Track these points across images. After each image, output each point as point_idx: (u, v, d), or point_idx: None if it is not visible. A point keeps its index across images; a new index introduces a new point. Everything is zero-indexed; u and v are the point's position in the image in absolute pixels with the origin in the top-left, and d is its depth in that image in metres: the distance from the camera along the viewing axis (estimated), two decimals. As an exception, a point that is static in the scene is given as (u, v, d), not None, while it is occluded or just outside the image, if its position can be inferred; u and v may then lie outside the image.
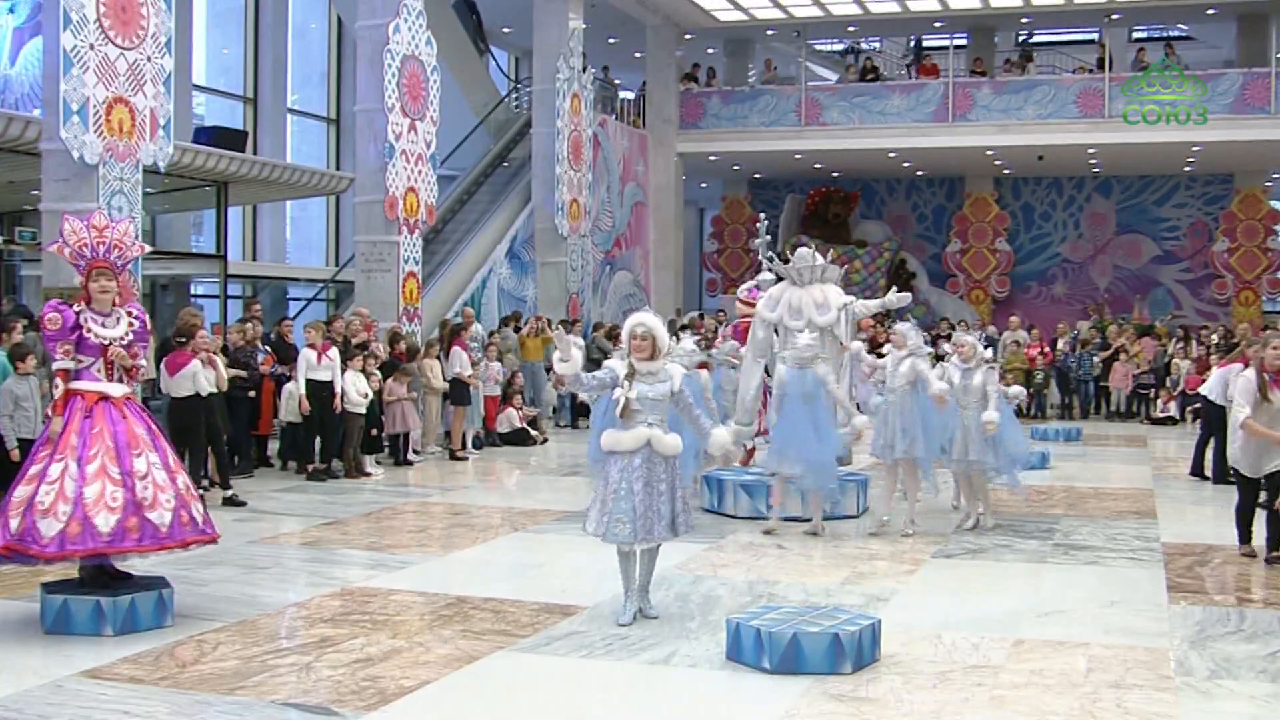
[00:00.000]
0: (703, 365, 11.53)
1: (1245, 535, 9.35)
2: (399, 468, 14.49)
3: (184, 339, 11.51)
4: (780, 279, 11.47)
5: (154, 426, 7.43)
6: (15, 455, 9.86)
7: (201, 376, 11.31)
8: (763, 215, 12.71)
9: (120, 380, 7.36)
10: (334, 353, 13.29)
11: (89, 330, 7.23)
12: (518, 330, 19.22)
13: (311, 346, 13.21)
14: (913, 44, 29.89)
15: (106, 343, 7.26)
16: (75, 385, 7.21)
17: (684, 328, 16.90)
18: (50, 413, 7.27)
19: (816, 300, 11.08)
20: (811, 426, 9.83)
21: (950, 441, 10.28)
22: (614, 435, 7.23)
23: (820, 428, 9.88)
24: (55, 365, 7.27)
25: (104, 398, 7.20)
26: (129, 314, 7.41)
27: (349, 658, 6.47)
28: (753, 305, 12.31)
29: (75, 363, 7.23)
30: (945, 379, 10.21)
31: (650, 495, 7.14)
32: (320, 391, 13.15)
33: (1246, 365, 14.37)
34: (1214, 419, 13.85)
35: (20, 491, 6.94)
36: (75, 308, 7.31)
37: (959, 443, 10.23)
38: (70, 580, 7.25)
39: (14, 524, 6.84)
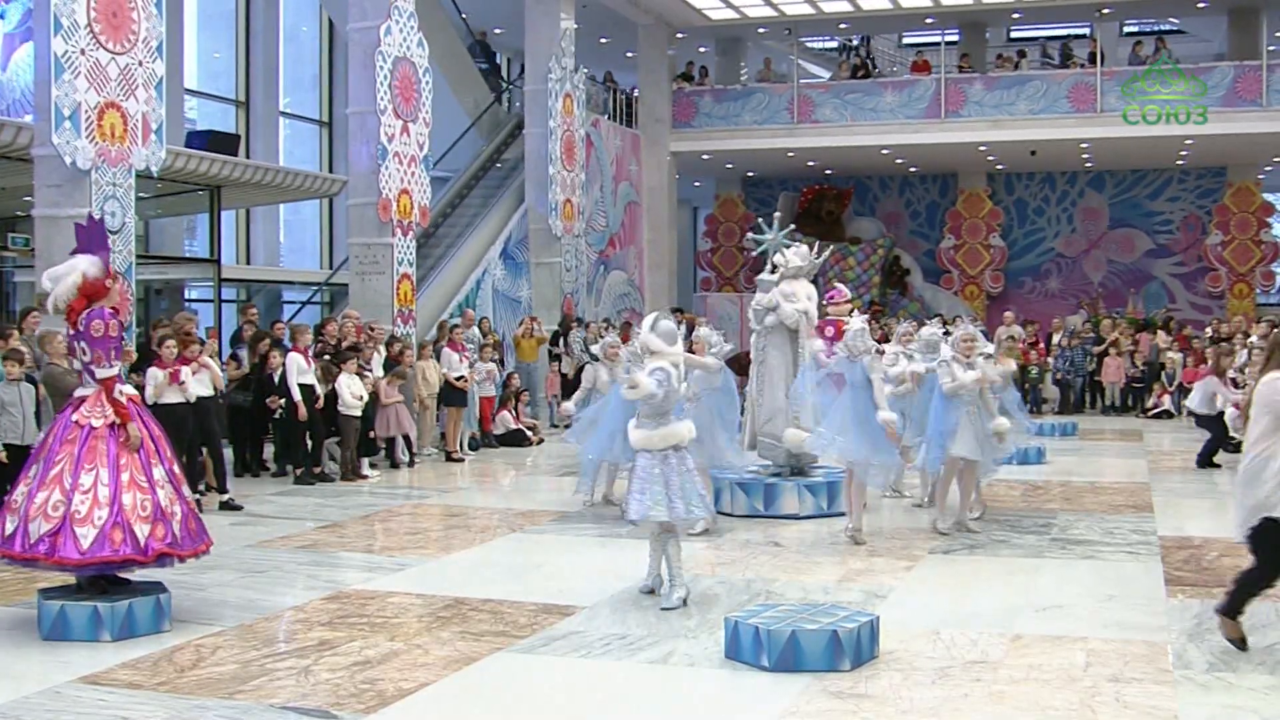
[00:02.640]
0: None
1: (1240, 607, 6.67)
2: (395, 470, 14.48)
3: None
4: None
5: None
6: (3, 458, 9.81)
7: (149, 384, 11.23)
8: (777, 214, 12.52)
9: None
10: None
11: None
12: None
13: (297, 350, 13.18)
14: (855, 40, 30.15)
15: (127, 346, 7.34)
16: (125, 390, 7.33)
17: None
18: (116, 419, 7.16)
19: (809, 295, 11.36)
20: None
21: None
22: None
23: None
24: (105, 373, 7.21)
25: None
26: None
27: (347, 660, 6.47)
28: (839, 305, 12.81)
29: (112, 368, 7.28)
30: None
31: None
32: (309, 396, 13.14)
33: (1221, 374, 14.46)
34: (1213, 427, 13.99)
35: (138, 499, 7.06)
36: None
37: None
38: (68, 586, 7.24)
39: (142, 531, 6.99)
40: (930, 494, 11.30)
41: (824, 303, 11.44)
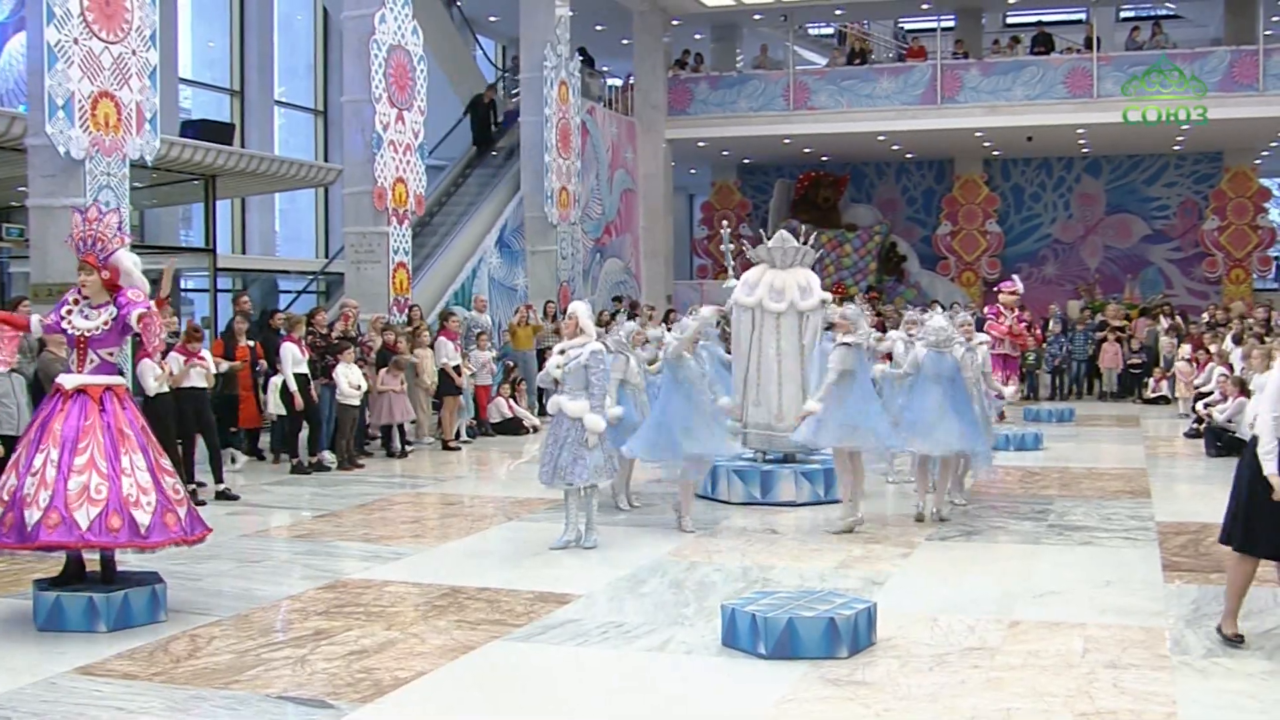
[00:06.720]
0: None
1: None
2: (392, 459, 14.46)
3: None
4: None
5: (122, 423, 7.20)
6: None
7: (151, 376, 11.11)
8: (725, 223, 12.83)
9: (105, 372, 7.27)
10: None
11: (67, 323, 7.30)
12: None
13: (291, 339, 13.12)
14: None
15: (79, 334, 7.26)
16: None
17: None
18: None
19: (800, 284, 11.22)
20: (952, 409, 9.89)
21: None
22: None
23: (960, 410, 9.93)
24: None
25: (57, 390, 7.21)
26: (113, 304, 7.36)
27: (344, 650, 6.46)
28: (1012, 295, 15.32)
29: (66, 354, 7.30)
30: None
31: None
32: (304, 385, 13.10)
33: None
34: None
35: (8, 482, 7.04)
36: (68, 301, 7.37)
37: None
38: (63, 576, 7.22)
39: None
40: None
41: (997, 291, 11.84)
